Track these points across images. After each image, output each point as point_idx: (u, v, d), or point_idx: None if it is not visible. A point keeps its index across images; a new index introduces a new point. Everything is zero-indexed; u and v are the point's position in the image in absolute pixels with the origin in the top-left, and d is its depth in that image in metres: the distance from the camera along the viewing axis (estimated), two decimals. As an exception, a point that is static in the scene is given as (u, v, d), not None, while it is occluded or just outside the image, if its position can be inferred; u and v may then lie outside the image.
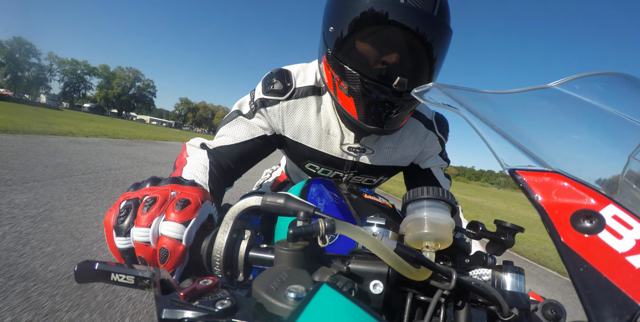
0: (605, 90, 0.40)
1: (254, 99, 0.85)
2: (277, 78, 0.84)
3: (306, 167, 0.98)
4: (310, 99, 0.86)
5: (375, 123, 0.74)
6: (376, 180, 1.03)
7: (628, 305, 0.24)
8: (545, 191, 0.32)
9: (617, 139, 0.35)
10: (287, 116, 0.85)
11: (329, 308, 0.22)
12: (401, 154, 0.94)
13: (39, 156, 4.79)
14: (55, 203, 2.91)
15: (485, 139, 0.39)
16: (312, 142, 0.89)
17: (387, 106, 0.71)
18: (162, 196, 0.41)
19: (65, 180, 3.77)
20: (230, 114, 0.87)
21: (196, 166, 0.71)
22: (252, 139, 0.83)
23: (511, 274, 0.43)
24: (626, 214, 0.27)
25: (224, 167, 0.78)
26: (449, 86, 0.46)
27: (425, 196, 0.38)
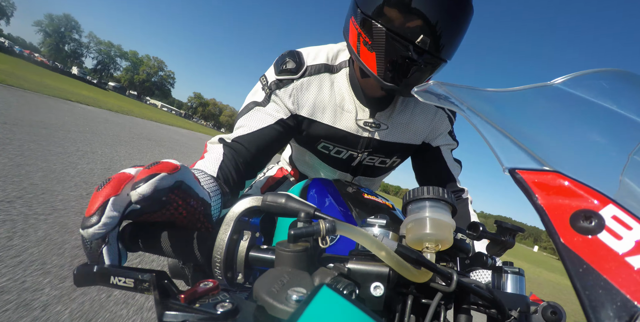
0: (606, 88, 0.40)
1: (268, 83, 0.86)
2: (289, 58, 0.86)
3: (319, 149, 0.97)
4: (323, 76, 0.88)
5: (393, 80, 0.76)
6: (389, 161, 1.02)
7: (627, 306, 0.24)
8: (545, 191, 0.32)
9: (617, 138, 0.35)
10: (302, 95, 0.86)
11: (329, 310, 0.22)
12: (413, 130, 0.96)
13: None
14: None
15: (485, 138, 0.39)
16: (327, 118, 0.90)
17: (407, 63, 0.72)
18: (118, 175, 0.37)
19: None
20: (247, 106, 0.87)
21: (210, 159, 0.71)
22: (269, 125, 0.83)
23: (512, 276, 0.43)
24: (626, 215, 0.27)
25: (242, 158, 0.77)
26: (449, 84, 0.46)
27: (426, 195, 0.38)
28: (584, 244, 0.28)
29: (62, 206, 2.58)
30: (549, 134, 0.41)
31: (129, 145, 6.92)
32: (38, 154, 3.70)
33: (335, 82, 0.90)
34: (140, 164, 0.41)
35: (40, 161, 3.47)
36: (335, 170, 1.06)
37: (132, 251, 0.42)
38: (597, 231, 0.28)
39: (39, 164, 3.36)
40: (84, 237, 0.36)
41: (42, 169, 3.22)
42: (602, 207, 0.29)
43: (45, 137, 4.61)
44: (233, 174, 0.71)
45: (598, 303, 0.25)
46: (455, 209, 0.39)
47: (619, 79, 0.40)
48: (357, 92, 0.90)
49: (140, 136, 9.48)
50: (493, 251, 0.42)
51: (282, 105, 0.86)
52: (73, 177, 3.35)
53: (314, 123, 0.90)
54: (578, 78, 0.42)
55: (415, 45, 0.70)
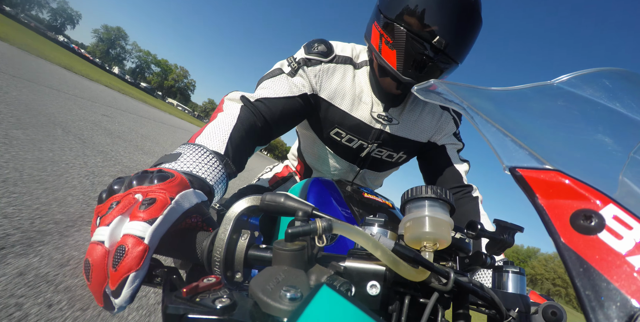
0: (607, 87, 0.39)
1: (296, 59, 0.90)
2: (321, 43, 0.93)
3: (331, 135, 1.01)
4: (348, 67, 0.95)
5: (411, 75, 0.82)
6: (396, 156, 1.07)
7: (627, 306, 0.23)
8: (545, 189, 0.32)
9: (618, 137, 0.35)
10: (326, 78, 0.92)
11: (328, 309, 0.22)
12: (420, 128, 1.02)
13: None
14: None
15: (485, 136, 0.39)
16: (345, 105, 0.95)
17: (423, 60, 0.80)
18: (125, 200, 0.37)
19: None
20: (273, 71, 0.91)
21: (221, 123, 0.69)
22: (293, 96, 0.86)
23: (512, 275, 0.42)
24: (626, 214, 0.27)
25: (259, 122, 0.77)
26: (449, 83, 0.46)
27: (424, 194, 0.38)
28: (585, 243, 0.28)
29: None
30: (550, 132, 0.40)
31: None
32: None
33: (357, 75, 0.96)
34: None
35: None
36: (343, 160, 1.08)
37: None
38: (598, 231, 0.27)
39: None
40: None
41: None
42: (603, 207, 0.28)
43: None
44: (245, 140, 0.70)
45: (598, 303, 0.24)
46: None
47: (620, 78, 0.40)
48: (375, 89, 0.97)
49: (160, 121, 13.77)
50: (492, 250, 0.42)
51: (308, 81, 0.90)
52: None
53: (332, 107, 0.95)
54: (579, 77, 0.42)
55: (432, 45, 0.78)
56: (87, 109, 6.60)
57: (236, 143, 0.66)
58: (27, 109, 4.11)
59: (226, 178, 0.59)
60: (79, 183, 2.63)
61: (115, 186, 0.41)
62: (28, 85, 5.89)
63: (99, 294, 0.33)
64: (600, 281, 0.25)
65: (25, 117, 3.72)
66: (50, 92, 6.36)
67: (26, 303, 1.26)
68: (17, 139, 2.93)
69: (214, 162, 0.56)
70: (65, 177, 2.61)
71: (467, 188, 1.00)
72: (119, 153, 4.37)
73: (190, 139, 0.63)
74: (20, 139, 2.97)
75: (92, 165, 3.27)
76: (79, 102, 6.89)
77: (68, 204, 2.18)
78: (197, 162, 0.54)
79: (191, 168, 0.52)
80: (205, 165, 0.54)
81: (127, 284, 0.32)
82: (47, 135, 3.44)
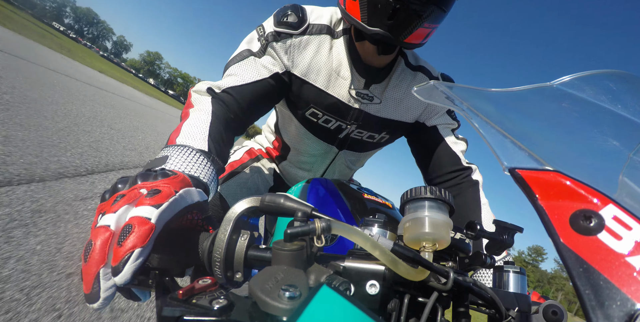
0: (606, 89, 0.40)
1: (265, 33, 0.82)
2: (292, 11, 0.82)
3: (307, 116, 0.92)
4: (323, 37, 0.85)
5: (377, 25, 0.71)
6: (377, 137, 0.98)
7: (627, 305, 0.23)
8: (544, 190, 0.32)
9: (617, 138, 0.35)
10: (299, 52, 0.82)
11: (328, 309, 0.22)
12: (406, 106, 0.92)
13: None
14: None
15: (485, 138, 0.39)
16: (320, 82, 0.86)
17: (389, 4, 0.68)
18: (131, 193, 0.38)
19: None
20: (241, 53, 0.82)
21: (197, 120, 0.65)
22: (263, 78, 0.79)
23: (512, 275, 0.42)
24: (626, 215, 0.27)
25: (232, 113, 0.72)
26: (449, 84, 0.46)
27: (424, 195, 0.38)
28: (584, 244, 0.28)
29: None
30: (549, 134, 0.41)
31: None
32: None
33: (334, 46, 0.86)
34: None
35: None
36: (321, 141, 1.00)
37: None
38: (597, 231, 0.27)
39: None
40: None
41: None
42: (602, 207, 0.29)
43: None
44: (223, 135, 0.66)
45: (598, 303, 0.24)
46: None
47: (619, 79, 0.40)
48: (355, 61, 0.86)
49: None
50: (492, 251, 0.42)
51: (278, 59, 0.82)
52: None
53: (306, 85, 0.86)
54: (578, 79, 0.42)
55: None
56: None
57: (216, 138, 0.63)
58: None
59: (216, 175, 0.57)
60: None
61: (119, 184, 0.41)
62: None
63: (91, 275, 0.32)
64: (600, 281, 0.25)
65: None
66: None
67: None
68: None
69: (202, 160, 0.55)
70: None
71: (467, 171, 0.91)
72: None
73: (170, 140, 0.60)
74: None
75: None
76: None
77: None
78: (187, 162, 0.53)
79: (182, 168, 0.51)
80: (195, 164, 0.53)
81: (130, 260, 0.32)
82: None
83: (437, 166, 0.94)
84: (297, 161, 1.12)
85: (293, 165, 1.14)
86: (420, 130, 0.97)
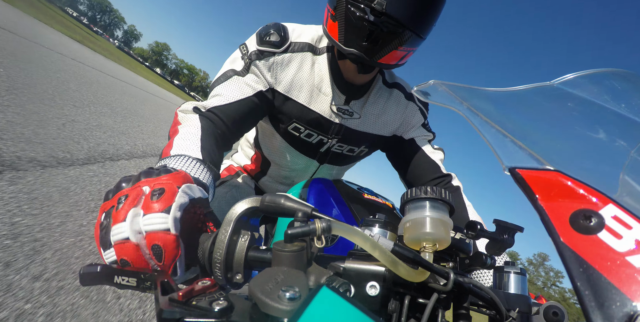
0: (606, 88, 0.39)
1: (248, 52, 0.84)
2: (274, 30, 0.85)
3: (289, 130, 0.95)
4: (305, 55, 0.88)
5: (353, 45, 0.74)
6: (357, 150, 1.02)
7: (627, 306, 0.23)
8: (545, 190, 0.32)
9: (617, 137, 0.35)
10: (281, 70, 0.85)
11: (328, 310, 0.22)
12: (383, 121, 0.97)
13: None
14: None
15: (485, 137, 0.39)
16: (302, 98, 0.89)
17: (364, 26, 0.71)
18: (134, 192, 0.38)
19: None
20: (225, 73, 0.84)
21: (187, 134, 0.66)
22: (247, 97, 0.81)
23: (513, 276, 0.42)
24: (626, 214, 0.27)
25: (219, 129, 0.74)
26: (449, 83, 0.46)
27: (425, 195, 0.38)
28: (584, 243, 0.28)
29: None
30: (550, 133, 0.41)
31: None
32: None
33: (316, 63, 0.89)
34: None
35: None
36: (302, 155, 1.03)
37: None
38: (597, 230, 0.27)
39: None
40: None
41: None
42: (602, 207, 0.28)
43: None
44: (214, 148, 0.68)
45: (598, 303, 0.24)
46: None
47: (619, 78, 0.40)
48: (336, 77, 0.89)
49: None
50: (492, 251, 0.41)
51: (262, 77, 0.84)
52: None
53: (289, 101, 0.89)
54: (578, 78, 0.42)
55: (372, 8, 0.69)
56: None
57: (208, 150, 0.65)
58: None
59: (213, 180, 0.58)
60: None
61: (123, 183, 0.41)
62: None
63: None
64: (600, 281, 0.25)
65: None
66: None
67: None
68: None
69: (199, 165, 0.56)
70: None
71: (447, 178, 0.95)
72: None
73: (164, 154, 0.61)
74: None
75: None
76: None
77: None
78: (186, 167, 0.54)
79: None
80: (193, 169, 0.54)
81: (178, 268, 0.38)
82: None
83: (419, 174, 0.97)
84: (277, 176, 1.14)
85: (273, 180, 1.16)
86: (398, 143, 1.02)
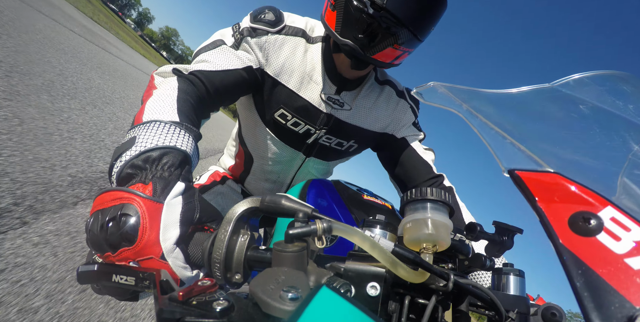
0: (605, 90, 0.40)
1: (240, 29, 0.81)
2: (269, 10, 0.83)
3: (275, 117, 0.90)
4: (299, 40, 0.85)
5: (348, 35, 0.73)
6: (346, 145, 0.99)
7: (626, 307, 0.24)
8: (544, 192, 0.32)
9: (616, 139, 0.35)
10: (273, 51, 0.83)
11: (329, 310, 0.22)
12: (375, 116, 0.96)
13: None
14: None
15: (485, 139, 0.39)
16: (292, 83, 0.86)
17: (363, 19, 0.70)
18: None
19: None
20: (214, 42, 0.80)
21: (162, 95, 0.60)
22: (236, 69, 0.76)
23: (512, 277, 0.42)
24: (624, 216, 0.27)
25: (199, 93, 0.68)
26: (449, 85, 0.46)
27: (426, 196, 0.38)
28: (583, 245, 0.28)
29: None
30: (549, 135, 0.41)
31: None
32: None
33: (309, 51, 0.87)
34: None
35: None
36: (288, 147, 0.98)
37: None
38: (596, 232, 0.28)
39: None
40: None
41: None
42: (601, 209, 0.29)
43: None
44: (191, 111, 0.61)
45: (596, 304, 0.25)
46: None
47: (618, 80, 0.40)
48: (329, 68, 0.87)
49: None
50: (491, 252, 0.42)
51: (253, 54, 0.81)
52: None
53: (278, 86, 0.86)
54: (577, 80, 0.43)
55: (372, 1, 0.69)
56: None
57: (185, 112, 0.59)
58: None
59: (194, 141, 0.53)
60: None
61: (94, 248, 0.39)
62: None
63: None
64: (598, 283, 0.25)
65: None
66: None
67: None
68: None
69: (174, 129, 0.50)
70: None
71: (440, 178, 0.93)
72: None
73: (136, 121, 0.54)
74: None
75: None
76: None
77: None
78: (159, 135, 0.48)
79: (155, 142, 0.47)
80: (167, 134, 0.49)
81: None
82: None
83: (412, 175, 0.95)
84: (262, 171, 1.09)
85: (258, 177, 1.12)
86: (390, 142, 1.00)
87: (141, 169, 0.43)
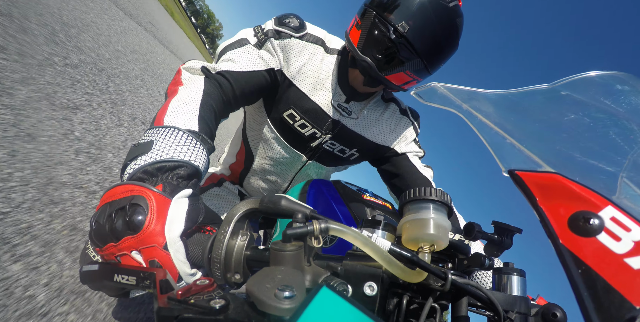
0: (606, 90, 0.40)
1: (264, 30, 0.85)
2: (294, 17, 0.88)
3: (284, 116, 0.93)
4: (318, 48, 0.91)
5: (367, 53, 0.80)
6: (348, 152, 1.02)
7: (626, 307, 0.23)
8: (544, 192, 0.32)
9: (616, 140, 0.35)
10: (294, 54, 0.86)
11: (328, 310, 0.22)
12: (378, 128, 1.00)
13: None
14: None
15: (485, 139, 0.39)
16: (305, 86, 0.90)
17: (384, 42, 0.78)
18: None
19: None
20: (239, 40, 0.83)
21: (186, 98, 0.63)
22: (260, 70, 0.81)
23: (513, 277, 0.42)
24: (624, 216, 0.27)
25: (225, 96, 0.73)
26: (448, 86, 0.46)
27: (425, 196, 0.38)
28: (583, 245, 0.28)
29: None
30: (549, 135, 0.41)
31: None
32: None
33: (325, 59, 0.92)
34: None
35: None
36: (291, 148, 1.00)
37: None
38: (596, 232, 0.27)
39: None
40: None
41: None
42: (601, 209, 0.28)
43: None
44: (212, 114, 0.66)
45: (597, 304, 0.24)
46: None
47: (618, 81, 0.40)
48: (342, 79, 0.92)
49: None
50: (490, 252, 0.41)
51: (275, 55, 0.85)
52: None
53: (291, 87, 0.89)
54: (578, 80, 0.42)
55: (395, 28, 0.76)
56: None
57: (206, 119, 0.62)
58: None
59: (207, 154, 0.56)
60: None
61: (95, 238, 0.40)
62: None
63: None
64: (598, 282, 0.25)
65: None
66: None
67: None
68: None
69: (190, 140, 0.53)
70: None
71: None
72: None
73: (157, 120, 0.57)
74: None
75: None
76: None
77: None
78: (175, 146, 0.51)
79: (170, 154, 0.49)
80: (183, 146, 0.51)
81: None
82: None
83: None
84: (261, 171, 1.10)
85: (257, 177, 1.13)
86: (391, 156, 1.04)
87: (153, 175, 0.45)
